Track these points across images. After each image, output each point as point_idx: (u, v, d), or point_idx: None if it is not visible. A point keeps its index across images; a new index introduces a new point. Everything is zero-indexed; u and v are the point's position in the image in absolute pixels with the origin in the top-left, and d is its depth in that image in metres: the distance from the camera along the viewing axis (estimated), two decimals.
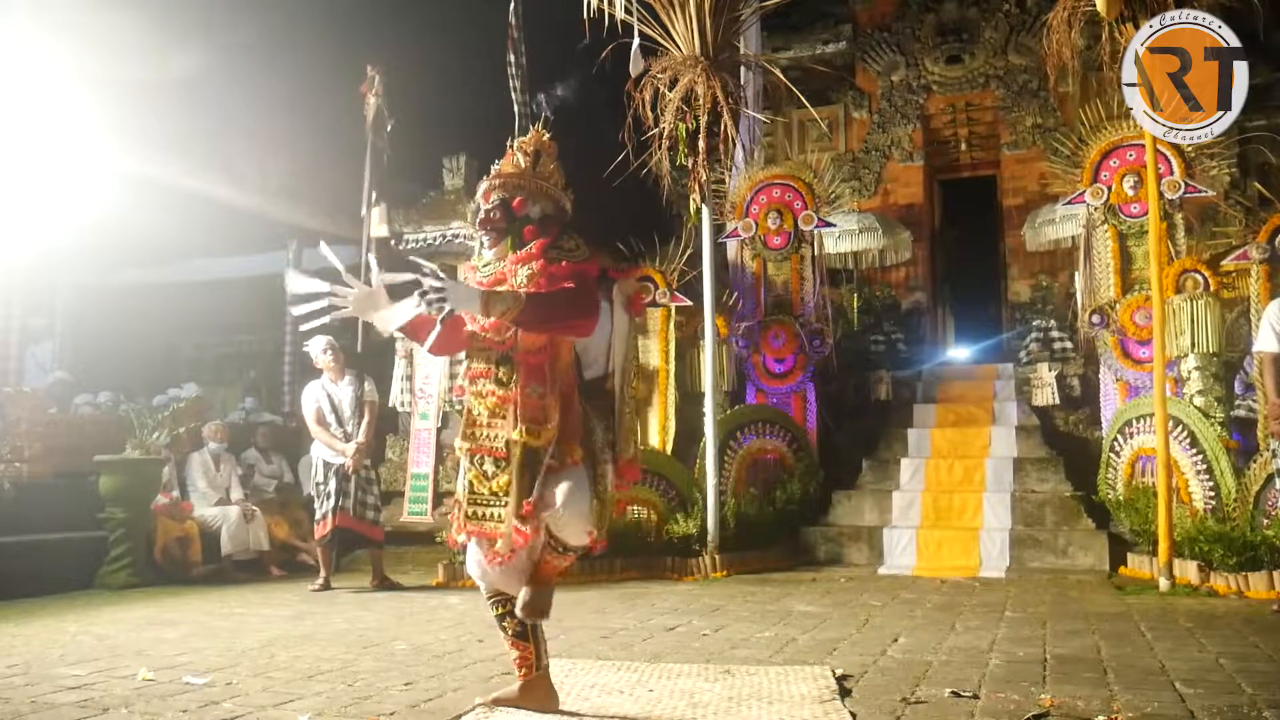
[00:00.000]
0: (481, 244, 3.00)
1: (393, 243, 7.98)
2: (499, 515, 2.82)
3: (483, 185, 3.01)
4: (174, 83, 7.48)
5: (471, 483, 2.90)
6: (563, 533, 2.82)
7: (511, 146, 3.02)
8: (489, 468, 2.86)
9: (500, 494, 2.83)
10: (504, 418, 2.83)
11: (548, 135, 3.02)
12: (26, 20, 6.79)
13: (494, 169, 3.00)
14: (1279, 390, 5.01)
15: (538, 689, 3.00)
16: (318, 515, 6.58)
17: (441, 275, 2.67)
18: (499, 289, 2.76)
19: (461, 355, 3.00)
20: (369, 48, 8.81)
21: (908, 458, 8.13)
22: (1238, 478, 6.09)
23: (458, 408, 7.76)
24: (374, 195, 7.80)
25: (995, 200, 11.59)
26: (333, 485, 6.49)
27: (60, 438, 7.47)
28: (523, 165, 2.97)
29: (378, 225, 7.77)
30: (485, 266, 2.96)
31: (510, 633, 2.98)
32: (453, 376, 8.20)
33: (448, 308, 2.66)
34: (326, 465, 6.54)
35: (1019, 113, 11.12)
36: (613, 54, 6.94)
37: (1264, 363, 5.16)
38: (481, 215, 2.95)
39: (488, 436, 2.85)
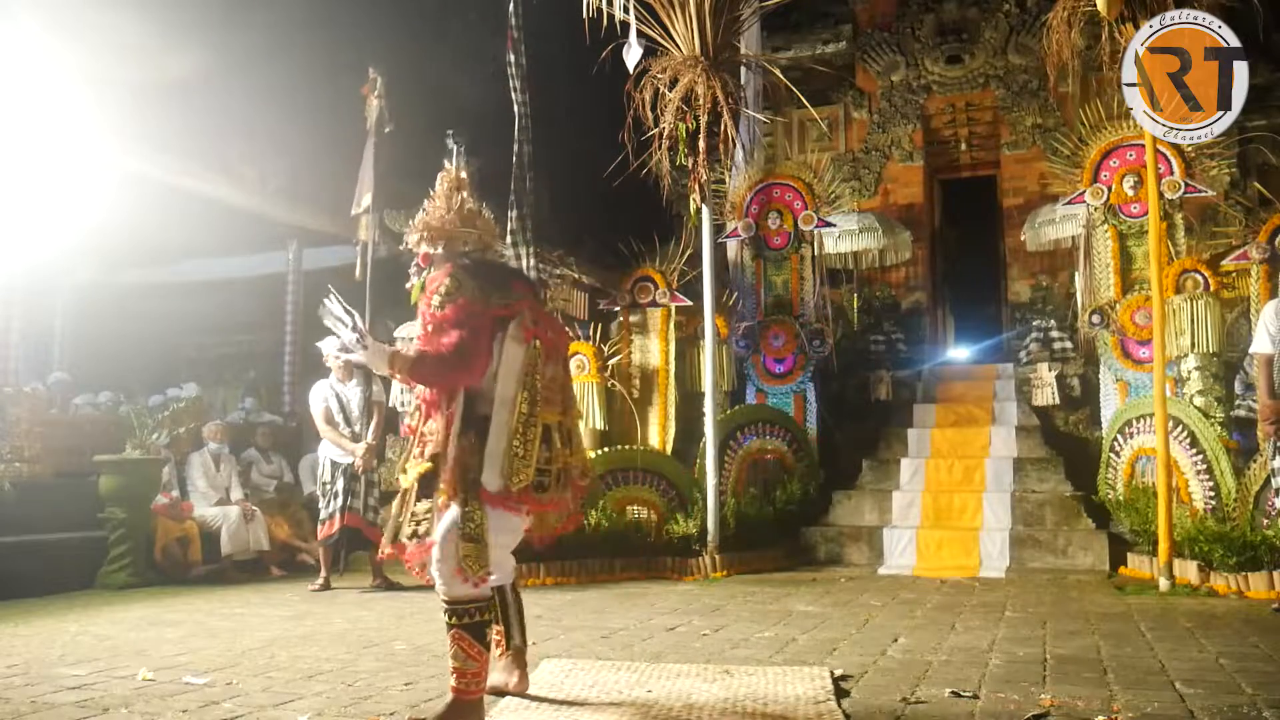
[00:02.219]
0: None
1: (370, 248, 7.88)
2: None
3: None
4: (174, 83, 7.48)
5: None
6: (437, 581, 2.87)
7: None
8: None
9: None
10: (415, 447, 3.03)
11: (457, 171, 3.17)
12: (27, 20, 6.79)
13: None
14: (1271, 391, 5.02)
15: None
16: (323, 515, 6.58)
17: (361, 331, 2.91)
18: (401, 350, 2.94)
19: None
20: (369, 47, 8.80)
21: (908, 458, 8.13)
22: (1238, 478, 6.10)
23: None
24: (367, 198, 7.75)
25: (995, 200, 11.59)
26: (340, 485, 6.50)
27: (60, 438, 7.47)
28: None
29: (366, 230, 7.74)
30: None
31: None
32: None
33: (357, 358, 2.94)
34: (334, 465, 6.54)
35: (1019, 113, 11.12)
36: (613, 54, 6.95)
37: (1258, 364, 5.17)
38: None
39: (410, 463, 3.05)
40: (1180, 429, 6.45)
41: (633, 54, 6.90)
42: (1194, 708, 2.97)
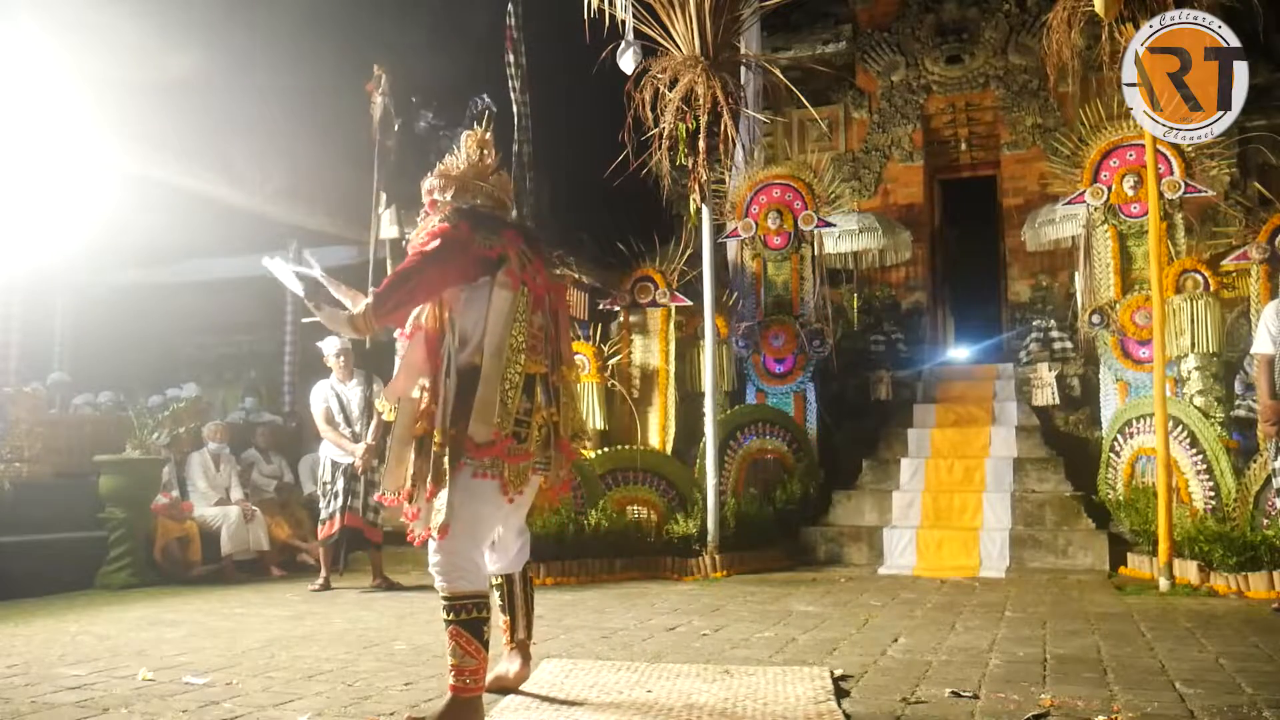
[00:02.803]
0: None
1: (403, 243, 7.95)
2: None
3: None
4: (174, 83, 7.46)
5: None
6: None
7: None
8: None
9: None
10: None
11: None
12: (28, 21, 6.78)
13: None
14: (1271, 392, 5.02)
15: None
16: (323, 515, 6.59)
17: (315, 295, 2.96)
18: (356, 308, 2.94)
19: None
20: (371, 46, 8.80)
21: (908, 458, 8.13)
22: (1238, 478, 6.10)
23: None
24: (384, 197, 7.81)
25: (995, 200, 11.59)
26: (340, 485, 6.51)
27: (60, 438, 7.47)
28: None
29: (388, 226, 7.78)
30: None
31: None
32: None
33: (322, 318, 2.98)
34: (334, 465, 6.55)
35: (1019, 113, 11.12)
36: (613, 54, 6.95)
37: (1259, 364, 5.17)
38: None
39: None
40: (1180, 429, 6.45)
41: (627, 59, 6.90)
42: (1194, 708, 2.97)
